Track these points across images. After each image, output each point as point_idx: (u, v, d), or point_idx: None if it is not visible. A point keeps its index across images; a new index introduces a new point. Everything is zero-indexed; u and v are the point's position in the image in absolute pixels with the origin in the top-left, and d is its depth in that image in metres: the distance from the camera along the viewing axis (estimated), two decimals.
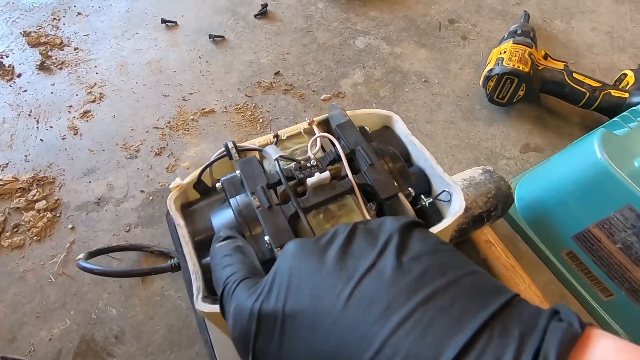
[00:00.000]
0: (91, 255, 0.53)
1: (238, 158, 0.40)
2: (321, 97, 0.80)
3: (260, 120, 0.76)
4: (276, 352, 0.21)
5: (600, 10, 1.03)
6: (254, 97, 0.79)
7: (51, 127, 0.72)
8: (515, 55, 0.74)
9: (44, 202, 0.62)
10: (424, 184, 0.45)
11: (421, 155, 0.45)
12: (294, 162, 0.40)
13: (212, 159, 0.41)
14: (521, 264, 0.56)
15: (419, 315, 0.19)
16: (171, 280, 0.56)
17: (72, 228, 0.61)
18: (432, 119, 0.78)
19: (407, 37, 0.93)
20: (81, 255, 0.51)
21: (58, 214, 0.62)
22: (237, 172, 0.38)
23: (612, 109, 0.70)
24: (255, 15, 0.94)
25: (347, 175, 0.39)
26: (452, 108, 0.80)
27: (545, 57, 0.79)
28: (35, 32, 0.87)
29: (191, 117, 0.75)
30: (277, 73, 0.83)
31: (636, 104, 0.64)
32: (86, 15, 0.92)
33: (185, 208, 0.42)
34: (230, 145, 0.40)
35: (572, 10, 1.02)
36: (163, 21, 0.90)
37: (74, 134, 0.71)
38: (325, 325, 0.20)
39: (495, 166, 0.72)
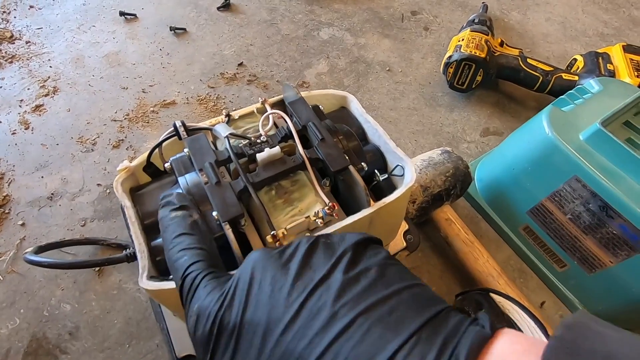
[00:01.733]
0: (41, 249, 0.50)
1: (187, 137, 0.39)
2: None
3: (223, 110, 0.74)
4: (230, 359, 0.22)
5: (554, 2, 1.07)
6: (217, 88, 0.78)
7: (0, 122, 0.69)
8: (472, 42, 0.76)
9: None
10: (379, 161, 0.45)
11: (375, 132, 0.45)
12: (245, 140, 0.39)
13: (160, 139, 0.40)
14: (482, 241, 0.58)
15: (359, 323, 0.20)
16: (130, 273, 0.55)
17: (23, 224, 0.58)
18: (396, 107, 0.80)
19: (370, 29, 0.94)
20: (29, 249, 0.48)
21: (7, 211, 0.59)
22: (185, 150, 0.38)
23: (564, 91, 0.73)
24: (218, 8, 0.93)
25: (298, 152, 0.39)
26: (415, 95, 0.82)
27: (502, 44, 0.82)
28: None
29: (151, 109, 0.73)
30: (240, 64, 0.83)
31: None
32: (39, 9, 0.88)
33: (136, 192, 0.41)
34: (178, 124, 0.39)
35: (528, 2, 1.06)
36: (122, 14, 0.88)
37: (25, 129, 0.68)
38: (276, 334, 0.21)
39: (457, 150, 0.74)
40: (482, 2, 0.99)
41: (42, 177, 0.63)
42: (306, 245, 0.25)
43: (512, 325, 0.37)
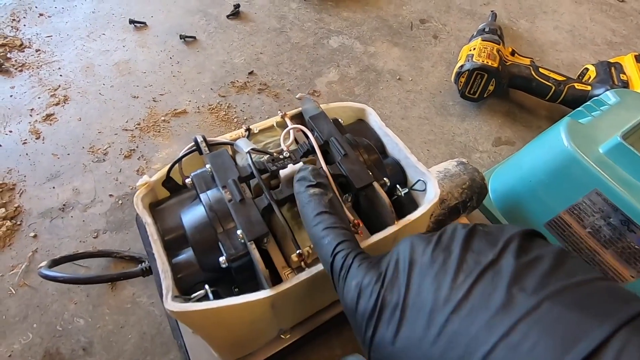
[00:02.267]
0: (55, 263, 0.50)
1: (208, 152, 0.39)
2: (296, 96, 0.79)
3: (235, 120, 0.74)
4: (391, 338, 0.23)
5: (562, 10, 1.08)
6: (228, 97, 0.78)
7: (10, 131, 0.68)
8: (484, 52, 0.76)
9: (2, 210, 0.58)
10: (399, 175, 0.45)
11: (395, 145, 0.45)
12: (267, 155, 0.39)
13: (181, 154, 0.40)
14: None
15: (547, 308, 0.19)
16: (143, 286, 0.54)
17: (35, 236, 0.57)
18: (407, 115, 0.79)
19: (380, 37, 0.94)
20: (43, 263, 0.48)
21: (19, 222, 0.58)
22: (208, 166, 0.37)
23: (577, 101, 0.73)
24: (228, 16, 0.93)
25: (321, 167, 0.38)
26: (426, 104, 0.81)
27: (513, 53, 0.81)
28: None
29: (162, 118, 0.73)
30: (251, 73, 0.82)
31: (598, 96, 0.67)
32: (49, 17, 0.88)
33: (155, 207, 0.41)
34: (199, 139, 0.39)
35: (536, 10, 1.06)
36: (131, 22, 0.88)
37: (36, 138, 0.68)
38: (444, 313, 0.21)
39: (469, 159, 0.73)
40: (491, 11, 0.99)
41: (54, 187, 0.62)
42: (464, 231, 0.25)
43: None
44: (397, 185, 0.41)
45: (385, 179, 0.39)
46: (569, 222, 0.53)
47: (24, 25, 0.86)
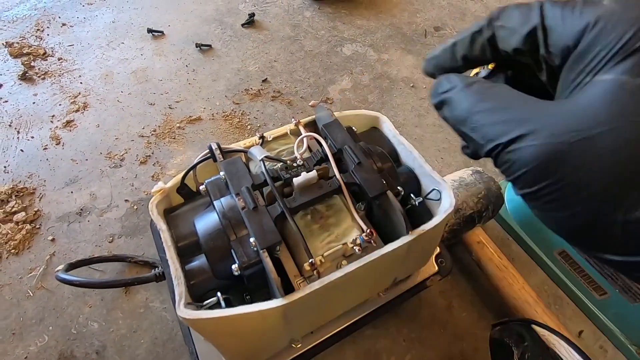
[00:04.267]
0: (71, 266, 0.51)
1: (222, 159, 0.39)
2: (309, 104, 0.80)
3: (248, 127, 0.75)
4: None
5: None
6: (242, 104, 0.78)
7: (32, 137, 0.70)
8: None
9: (23, 213, 0.60)
10: (413, 184, 0.44)
11: (409, 154, 0.44)
12: (280, 163, 0.39)
13: (195, 161, 0.40)
14: (514, 265, 0.55)
15: None
16: (156, 291, 0.54)
17: (53, 240, 0.58)
18: (421, 123, 0.78)
19: (393, 44, 0.94)
20: (60, 267, 0.49)
21: (38, 226, 0.60)
22: (222, 173, 0.37)
23: None
24: (243, 25, 0.95)
25: (334, 175, 0.38)
26: None
27: None
28: (18, 43, 0.85)
29: (177, 125, 0.74)
30: (264, 80, 0.83)
31: None
32: (71, 26, 0.91)
33: (169, 213, 0.41)
34: (214, 146, 0.39)
35: None
36: (149, 31, 0.90)
37: (56, 144, 0.70)
38: None
39: (484, 169, 0.72)
40: None
41: (72, 192, 0.64)
42: None
43: None
44: (411, 194, 0.41)
45: (399, 187, 0.39)
46: None
47: (48, 34, 0.89)
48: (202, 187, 0.38)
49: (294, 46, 0.91)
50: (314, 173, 0.37)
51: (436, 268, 0.50)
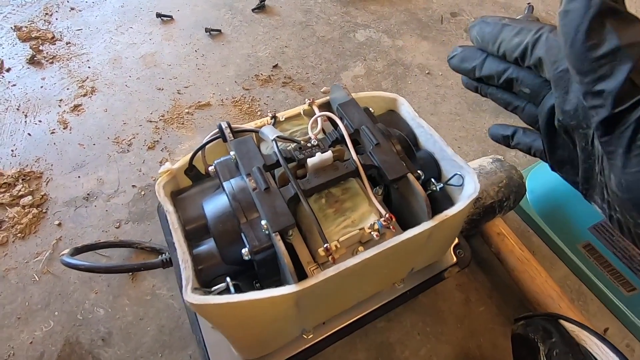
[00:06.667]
0: (77, 251, 0.50)
1: (232, 139, 0.37)
2: (321, 90, 0.77)
3: (259, 113, 0.73)
4: None
5: None
6: (252, 90, 0.76)
7: (40, 121, 0.69)
8: None
9: (29, 197, 0.59)
10: (433, 169, 0.42)
11: (430, 137, 0.42)
12: (294, 143, 0.37)
13: (204, 141, 0.38)
14: (535, 258, 0.53)
15: None
16: (163, 278, 0.53)
17: (59, 224, 0.57)
18: (437, 111, 0.76)
19: (408, 30, 0.91)
20: (66, 251, 0.47)
21: (44, 210, 0.59)
22: (232, 153, 0.35)
23: None
24: (253, 10, 0.92)
25: (351, 157, 0.36)
26: (457, 100, 0.77)
27: None
28: (26, 27, 0.84)
29: (186, 110, 0.72)
30: (275, 66, 0.81)
31: None
32: (79, 10, 0.90)
33: (176, 196, 0.39)
34: (224, 125, 0.37)
35: None
36: (158, 15, 0.88)
37: (64, 128, 0.68)
38: None
39: (503, 158, 0.69)
40: (528, 3, 0.94)
41: (79, 177, 0.63)
42: None
43: (590, 359, 0.33)
44: (432, 179, 0.38)
45: (419, 171, 0.37)
46: None
47: (56, 19, 0.87)
48: (211, 168, 0.36)
49: (306, 32, 0.89)
50: (329, 153, 0.35)
51: (455, 259, 0.48)
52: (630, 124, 0.16)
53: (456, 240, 0.49)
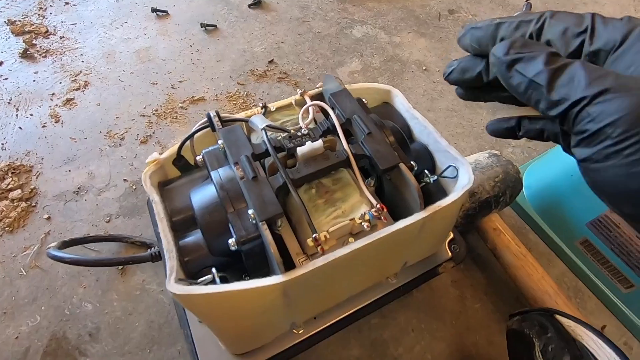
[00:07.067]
0: (65, 245, 0.49)
1: (221, 128, 0.36)
2: (317, 85, 0.77)
3: (253, 107, 0.71)
4: None
5: (603, 1, 1.00)
6: (247, 85, 0.76)
7: (31, 115, 0.68)
8: None
9: (18, 191, 0.58)
10: (427, 161, 0.41)
11: (424, 129, 0.41)
12: (284, 132, 0.36)
13: (193, 130, 0.37)
14: (531, 255, 0.52)
15: None
16: (153, 273, 0.52)
17: (48, 218, 0.56)
18: (433, 107, 0.75)
19: (405, 27, 0.90)
20: (53, 244, 0.46)
21: (33, 204, 0.58)
22: (220, 142, 0.34)
23: None
24: (249, 5, 0.91)
25: (342, 147, 0.35)
26: (454, 96, 0.77)
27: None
28: (20, 21, 0.84)
29: (180, 104, 0.71)
30: (271, 61, 0.80)
31: None
32: (74, 5, 0.89)
33: (164, 186, 0.38)
34: (212, 114, 0.37)
35: (575, 1, 1.00)
36: (154, 10, 0.87)
37: (55, 122, 0.68)
38: None
39: (500, 153, 0.68)
40: (526, 1, 0.94)
41: (70, 170, 0.62)
42: None
43: (588, 355, 0.32)
44: (426, 171, 0.37)
45: (412, 162, 0.36)
46: (616, 222, 0.48)
47: (50, 13, 0.87)
48: (199, 158, 0.36)
49: (302, 27, 0.88)
50: (319, 142, 0.34)
51: (449, 254, 0.47)
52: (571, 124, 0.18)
53: (451, 235, 0.48)
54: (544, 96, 0.19)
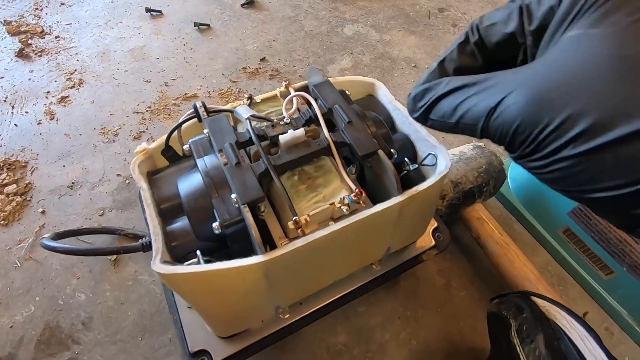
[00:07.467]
0: (59, 236, 0.50)
1: (207, 117, 0.38)
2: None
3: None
4: None
5: None
6: (239, 83, 0.77)
7: (27, 112, 0.70)
8: None
9: (14, 186, 0.59)
10: (408, 150, 0.42)
11: (405, 120, 0.42)
12: (268, 122, 0.37)
13: (180, 120, 0.38)
14: (516, 245, 0.53)
15: None
16: (145, 264, 0.53)
17: (43, 212, 0.58)
18: None
19: (396, 25, 0.92)
20: (47, 235, 0.48)
21: (28, 198, 0.59)
22: (205, 131, 0.36)
23: None
24: (242, 5, 0.93)
25: (323, 135, 0.36)
26: None
27: None
28: (16, 21, 0.85)
29: (173, 101, 0.73)
30: (263, 59, 0.81)
31: None
32: (69, 5, 0.90)
33: (153, 176, 0.40)
34: (198, 105, 0.38)
35: None
36: (148, 10, 0.89)
37: (50, 119, 0.69)
38: None
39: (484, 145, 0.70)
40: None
41: (64, 166, 0.63)
42: None
43: (560, 333, 0.33)
44: (406, 159, 0.39)
45: (392, 150, 0.37)
46: None
47: (46, 13, 0.88)
48: (185, 147, 0.37)
49: (294, 26, 0.89)
50: (301, 130, 0.35)
51: (433, 242, 0.48)
52: None
53: (435, 224, 0.49)
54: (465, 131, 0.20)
